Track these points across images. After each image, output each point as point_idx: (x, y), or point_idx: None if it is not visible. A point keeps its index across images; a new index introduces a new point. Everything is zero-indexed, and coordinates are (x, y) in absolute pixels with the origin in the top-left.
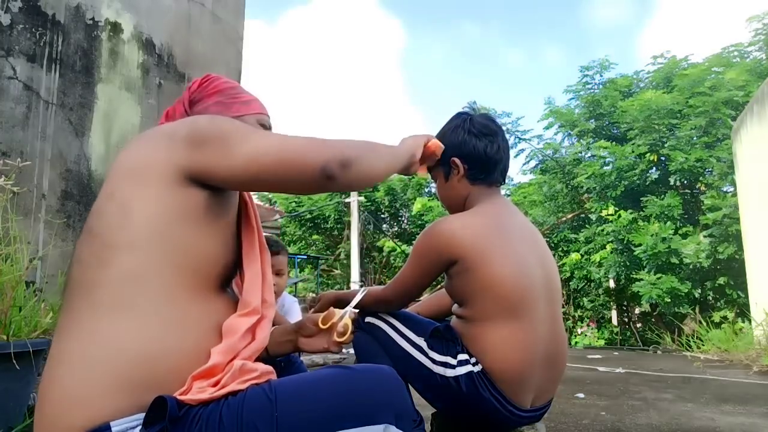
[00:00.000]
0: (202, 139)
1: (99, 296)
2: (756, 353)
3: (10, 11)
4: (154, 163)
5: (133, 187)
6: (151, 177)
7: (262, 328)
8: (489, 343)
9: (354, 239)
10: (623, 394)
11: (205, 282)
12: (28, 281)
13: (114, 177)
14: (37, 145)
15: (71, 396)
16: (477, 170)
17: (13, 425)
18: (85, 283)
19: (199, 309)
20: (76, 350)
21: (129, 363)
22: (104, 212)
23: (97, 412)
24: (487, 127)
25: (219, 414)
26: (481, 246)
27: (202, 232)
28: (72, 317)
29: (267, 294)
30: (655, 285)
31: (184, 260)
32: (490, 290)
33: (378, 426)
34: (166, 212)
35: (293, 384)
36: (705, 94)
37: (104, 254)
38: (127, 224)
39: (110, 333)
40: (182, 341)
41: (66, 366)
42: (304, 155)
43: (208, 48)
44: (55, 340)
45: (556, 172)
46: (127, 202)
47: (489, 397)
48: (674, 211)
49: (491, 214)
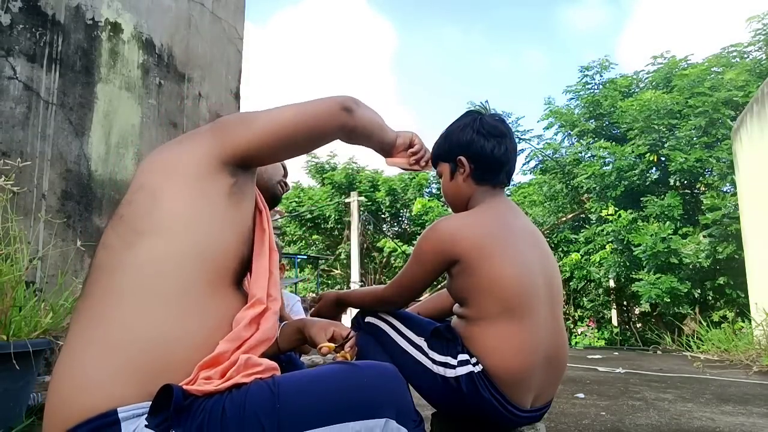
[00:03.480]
0: (224, 125)
1: (120, 281)
2: (756, 353)
3: (10, 11)
4: (184, 155)
5: (162, 179)
6: (180, 169)
7: (267, 319)
8: (490, 343)
9: (354, 239)
10: (623, 394)
11: (222, 276)
12: (28, 281)
13: (143, 172)
14: (37, 145)
15: (83, 379)
16: (483, 171)
17: (13, 425)
18: (108, 267)
19: (215, 303)
20: (92, 334)
21: (142, 350)
22: (133, 201)
23: (106, 397)
24: (497, 128)
25: (222, 405)
26: (483, 246)
27: (223, 224)
28: (92, 301)
29: (272, 289)
30: (655, 285)
31: (205, 251)
32: (491, 290)
33: (378, 420)
34: (192, 202)
35: (296, 378)
36: (705, 95)
37: (130, 238)
38: (155, 210)
39: (126, 319)
40: (195, 333)
41: (81, 349)
42: (321, 101)
43: (208, 48)
44: (72, 323)
45: (556, 172)
46: (156, 191)
47: (489, 397)
48: (674, 211)
49: (494, 215)
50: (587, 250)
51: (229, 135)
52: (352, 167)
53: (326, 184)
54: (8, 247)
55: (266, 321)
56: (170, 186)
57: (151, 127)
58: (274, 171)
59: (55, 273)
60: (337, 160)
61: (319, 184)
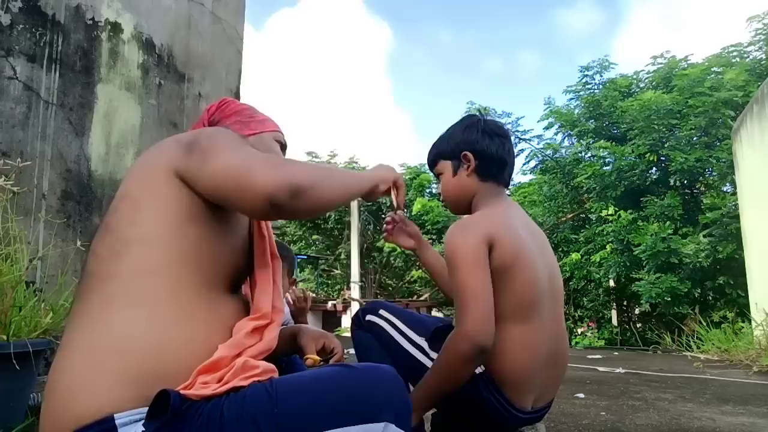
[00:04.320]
0: (193, 147)
1: (111, 288)
2: (756, 353)
3: (10, 11)
4: (160, 164)
5: (143, 187)
6: (158, 177)
7: (270, 331)
8: (498, 344)
9: (354, 239)
10: (623, 394)
11: (213, 281)
12: (28, 281)
13: (128, 178)
14: (37, 145)
15: (78, 386)
16: (488, 167)
17: (13, 425)
18: (98, 275)
19: (210, 308)
20: (86, 340)
21: (136, 356)
22: (118, 209)
23: (102, 404)
24: (500, 128)
25: (220, 409)
26: (515, 246)
27: (211, 232)
28: (84, 308)
29: (276, 300)
30: (655, 284)
31: (193, 257)
32: (510, 289)
33: (378, 424)
34: (174, 210)
35: (294, 381)
36: (705, 95)
37: (117, 247)
38: (139, 220)
39: (120, 325)
40: (190, 338)
41: (75, 356)
42: (254, 179)
43: (208, 48)
44: (66, 329)
45: (556, 172)
46: (138, 200)
47: (490, 398)
48: (674, 211)
49: (503, 214)
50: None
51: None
52: (353, 167)
53: None
54: (8, 247)
55: (269, 332)
56: (151, 195)
57: (151, 127)
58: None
59: (55, 273)
60: (338, 160)
61: None
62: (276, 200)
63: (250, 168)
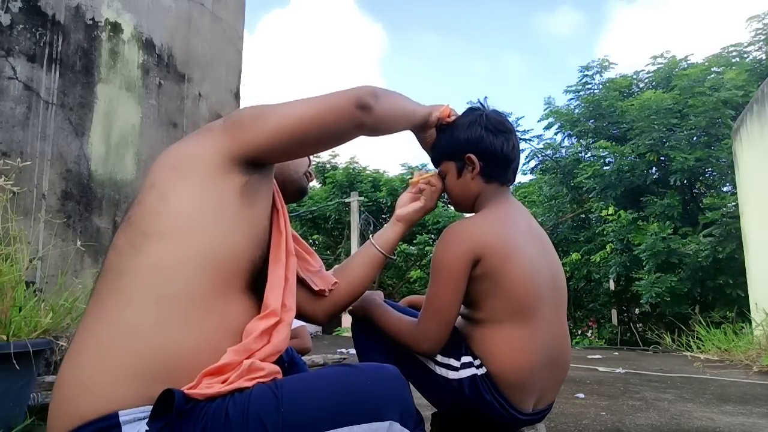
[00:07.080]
0: (237, 121)
1: (127, 284)
2: (756, 353)
3: (10, 11)
4: (198, 153)
5: (173, 178)
6: (193, 167)
7: (279, 332)
8: (497, 345)
9: (354, 239)
10: (623, 394)
11: (232, 280)
12: (28, 281)
13: (155, 171)
14: (37, 145)
15: (86, 381)
16: (492, 168)
17: (13, 425)
18: (117, 269)
19: (223, 308)
20: (96, 336)
21: (145, 354)
22: (143, 200)
23: (108, 400)
24: (503, 124)
25: (225, 409)
26: (503, 248)
27: (233, 224)
28: (100, 303)
29: (288, 298)
30: (655, 284)
31: (213, 253)
32: (504, 293)
33: (383, 423)
34: (201, 201)
35: (299, 381)
36: (705, 94)
37: (138, 241)
38: (164, 211)
39: (131, 322)
40: (200, 339)
41: (86, 351)
42: (337, 98)
43: (208, 48)
44: (81, 322)
45: (556, 172)
46: (166, 191)
47: (491, 400)
48: (674, 211)
49: (505, 214)
50: (587, 250)
51: (241, 134)
52: (353, 167)
53: (327, 184)
54: (8, 247)
55: (278, 334)
56: (180, 185)
57: (151, 127)
58: (299, 162)
59: (55, 273)
60: (338, 160)
61: (321, 184)
62: (365, 101)
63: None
